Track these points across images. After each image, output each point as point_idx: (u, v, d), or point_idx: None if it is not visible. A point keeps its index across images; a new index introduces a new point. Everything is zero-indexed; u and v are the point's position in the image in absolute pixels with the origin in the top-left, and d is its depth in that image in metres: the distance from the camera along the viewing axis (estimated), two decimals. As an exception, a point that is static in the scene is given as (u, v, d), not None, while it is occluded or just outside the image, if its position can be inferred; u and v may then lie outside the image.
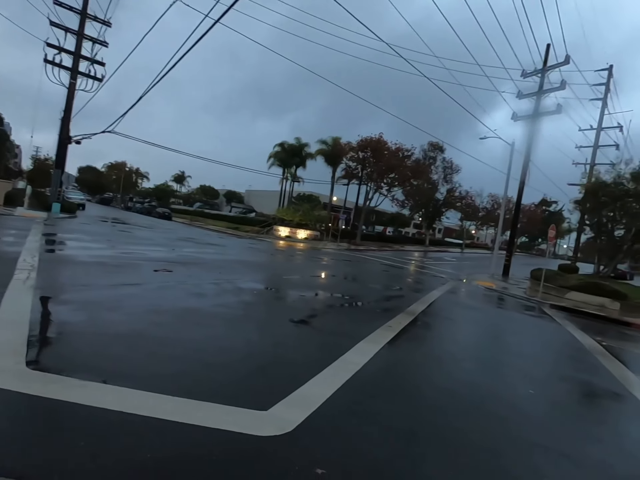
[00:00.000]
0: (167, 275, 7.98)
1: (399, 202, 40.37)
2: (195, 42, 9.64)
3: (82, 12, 22.04)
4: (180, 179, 74.36)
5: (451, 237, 71.55)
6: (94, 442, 2.32)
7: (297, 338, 5.13)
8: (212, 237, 22.44)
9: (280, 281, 9.73)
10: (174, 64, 11.02)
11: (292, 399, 3.23)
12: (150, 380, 3.20)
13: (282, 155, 37.48)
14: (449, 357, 5.30)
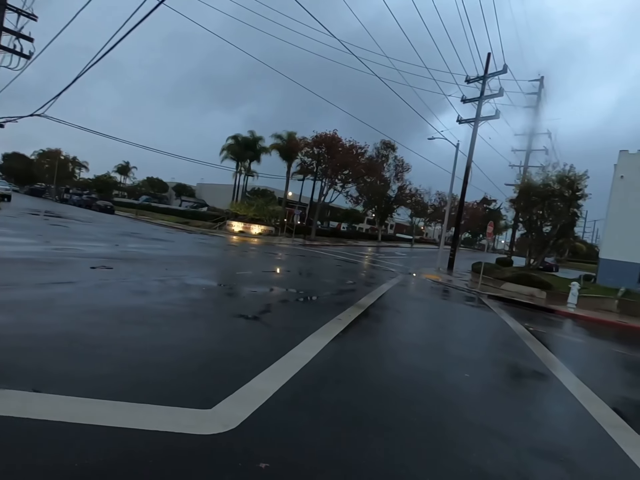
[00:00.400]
0: (107, 272, 7.44)
1: (353, 199, 41.26)
2: (138, 22, 9.00)
3: (4, -21, 19.59)
4: (124, 170, 69.46)
5: (402, 233, 74.61)
6: (14, 456, 2.11)
7: (246, 334, 5.06)
8: (159, 232, 21.31)
9: (233, 277, 9.51)
10: (115, 44, 10.20)
11: (238, 395, 3.18)
12: (83, 385, 2.98)
13: (236, 148, 36.48)
14: (395, 346, 5.54)
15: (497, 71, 20.60)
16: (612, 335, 9.72)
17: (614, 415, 4.09)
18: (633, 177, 16.12)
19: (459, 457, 2.83)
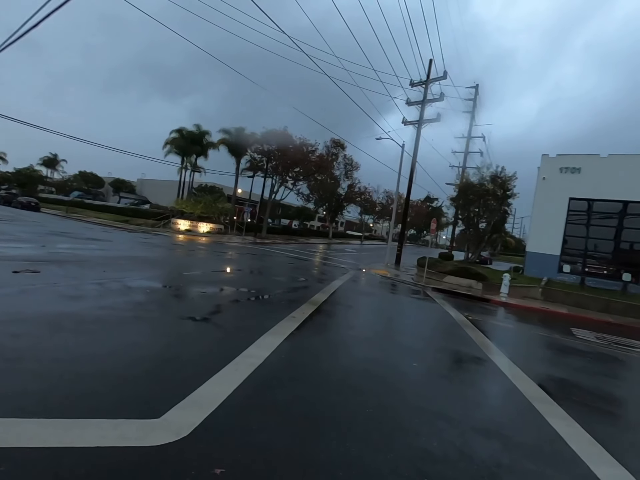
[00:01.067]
0: (33, 276, 6.68)
1: (304, 196, 41.41)
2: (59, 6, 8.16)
3: None
4: (51, 163, 62.76)
5: (352, 230, 76.54)
6: None
7: (196, 336, 4.85)
8: (95, 232, 19.61)
9: (179, 278, 9.05)
10: (37, 24, 9.15)
11: (189, 401, 3.05)
12: (6, 404, 2.65)
13: (181, 142, 34.67)
14: (348, 340, 5.68)
15: (438, 77, 21.87)
16: (537, 320, 10.84)
17: (540, 391, 4.58)
18: (553, 178, 18.09)
19: (409, 441, 2.98)
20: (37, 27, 9.09)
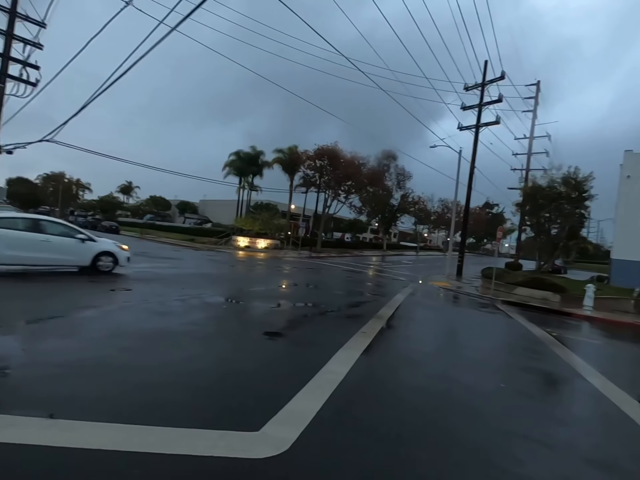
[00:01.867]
0: (126, 294, 7.46)
1: (357, 209, 41.39)
2: (147, 51, 9.21)
3: (11, 11, 20.21)
4: (127, 190, 70.18)
5: (406, 241, 74.58)
6: (74, 488, 2.10)
7: (275, 352, 5.03)
8: (167, 251, 21.38)
9: (248, 293, 9.49)
10: (123, 73, 10.44)
11: (282, 416, 3.15)
12: (124, 412, 2.96)
13: (239, 164, 36.83)
14: (423, 357, 5.49)
15: (495, 78, 20.88)
16: (631, 336, 9.59)
17: (657, 420, 4.02)
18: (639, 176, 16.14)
19: (513, 470, 2.78)
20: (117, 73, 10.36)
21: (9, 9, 20.13)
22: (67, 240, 9.20)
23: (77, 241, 9.33)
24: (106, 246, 10.02)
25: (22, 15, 20.60)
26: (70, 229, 9.57)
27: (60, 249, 9.05)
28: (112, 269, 9.95)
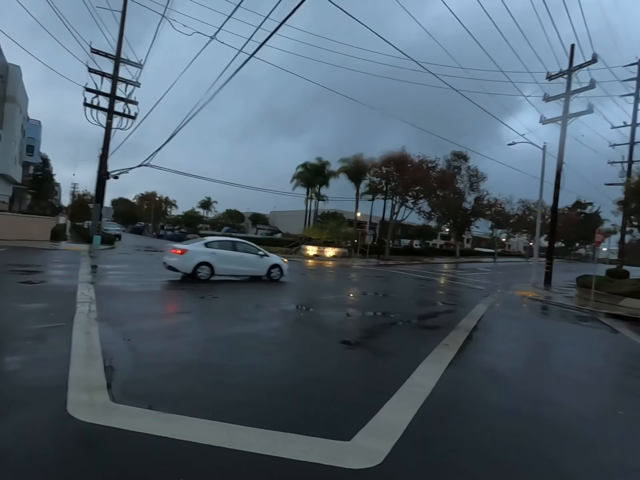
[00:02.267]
0: (215, 301, 8.12)
1: (426, 214, 39.83)
2: (228, 79, 10.09)
3: (116, 58, 23.76)
4: (206, 205, 76.83)
5: (481, 247, 69.45)
6: (195, 477, 2.32)
7: (355, 361, 5.03)
8: (243, 260, 22.81)
9: (321, 302, 9.67)
10: (206, 102, 11.54)
11: (371, 427, 3.13)
12: (223, 411, 3.20)
13: (306, 175, 38.09)
14: (515, 375, 5.02)
15: (586, 62, 18.62)
16: None
17: None
18: None
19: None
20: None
21: (115, 56, 23.64)
22: (253, 256, 12.25)
23: (258, 257, 12.35)
24: (276, 260, 12.83)
25: (124, 60, 24.04)
26: (254, 248, 12.64)
27: (250, 263, 12.13)
28: (279, 278, 12.66)
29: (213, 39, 9.19)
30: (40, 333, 4.83)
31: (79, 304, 6.48)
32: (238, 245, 12.30)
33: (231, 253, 11.77)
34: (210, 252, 11.31)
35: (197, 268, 10.92)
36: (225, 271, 11.59)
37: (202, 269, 11.02)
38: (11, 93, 25.62)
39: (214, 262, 11.21)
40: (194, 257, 10.94)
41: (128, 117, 24.23)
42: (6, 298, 6.86)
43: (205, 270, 11.09)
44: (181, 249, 11.06)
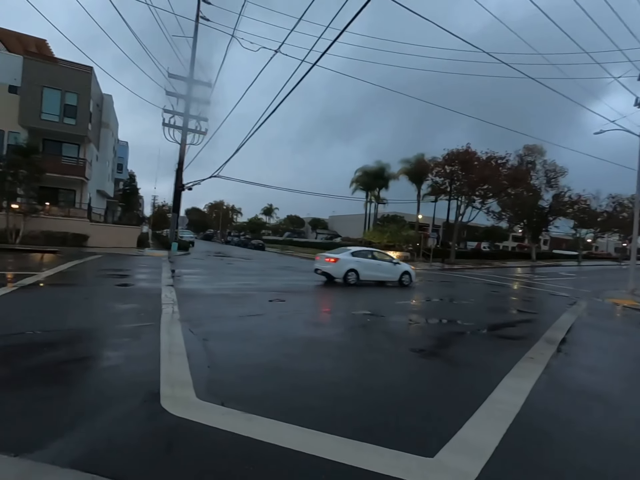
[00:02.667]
0: (282, 305, 8.37)
1: (496, 215, 37.01)
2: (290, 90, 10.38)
3: (189, 80, 26.03)
4: (268, 212, 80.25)
5: (561, 249, 62.53)
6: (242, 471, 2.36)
7: (431, 371, 4.78)
8: (306, 264, 23.28)
9: (390, 307, 9.43)
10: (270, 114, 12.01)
11: (455, 444, 2.92)
12: (300, 414, 3.22)
13: (365, 179, 37.88)
14: (619, 396, 4.36)
15: (695, 31, 15.87)
16: None
17: None
18: None
19: None
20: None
21: (188, 78, 25.83)
22: (388, 264, 13.76)
23: (392, 264, 13.79)
24: (406, 267, 14.13)
25: (196, 81, 26.15)
26: (389, 257, 14.39)
27: (386, 270, 13.56)
28: (409, 284, 13.92)
29: (277, 52, 9.59)
30: (135, 331, 5.38)
31: (163, 305, 7.10)
32: (376, 254, 13.98)
33: (371, 261, 13.32)
34: (356, 261, 12.92)
35: (347, 274, 12.61)
36: (368, 277, 13.09)
37: (351, 275, 12.66)
38: (105, 119, 29.36)
39: (359, 269, 12.80)
40: (344, 265, 12.66)
41: (199, 133, 26.36)
42: (107, 299, 7.79)
43: (353, 276, 12.70)
44: (334, 258, 12.87)
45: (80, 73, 23.14)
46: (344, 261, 12.73)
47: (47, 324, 5.43)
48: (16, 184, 18.56)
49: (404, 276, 13.83)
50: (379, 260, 13.65)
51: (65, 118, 22.81)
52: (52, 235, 19.61)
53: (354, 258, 12.98)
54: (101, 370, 4.01)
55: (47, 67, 22.29)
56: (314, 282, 13.74)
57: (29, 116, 21.88)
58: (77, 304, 7.10)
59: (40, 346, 4.48)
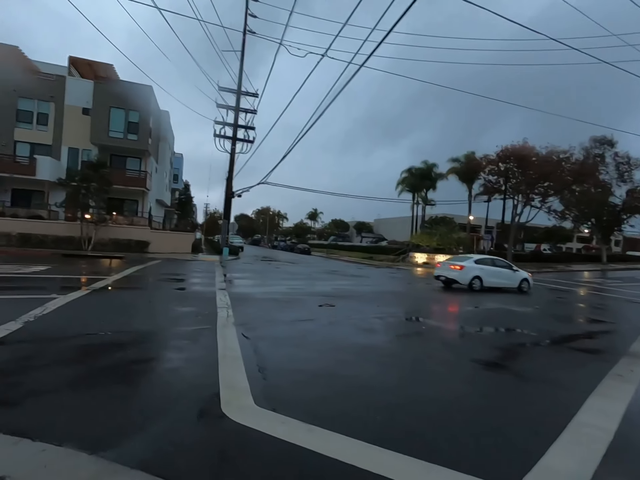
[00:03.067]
0: (332, 310, 8.27)
1: (558, 214, 34.01)
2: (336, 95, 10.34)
3: (237, 92, 27.17)
4: (313, 216, 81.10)
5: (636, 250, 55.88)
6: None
7: (497, 386, 4.38)
8: (351, 269, 23.06)
9: (441, 313, 8.97)
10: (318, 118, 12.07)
11: (541, 474, 2.57)
12: (360, 428, 3.05)
13: (411, 180, 36.83)
14: None
15: None
16: None
17: None
18: None
19: None
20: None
21: (236, 90, 26.94)
22: (508, 271, 14.13)
23: (512, 272, 14.12)
24: (525, 275, 14.29)
25: (244, 92, 27.20)
26: (508, 264, 14.64)
27: (507, 277, 13.96)
28: (527, 290, 14.03)
29: (324, 56, 9.61)
30: (193, 334, 5.57)
31: (218, 309, 7.32)
32: (497, 261, 14.45)
33: (493, 268, 13.82)
34: (480, 268, 13.53)
35: (472, 280, 13.23)
36: (490, 284, 13.49)
37: (475, 282, 13.24)
38: (163, 134, 31.56)
39: (483, 276, 13.34)
40: (469, 272, 13.31)
41: (247, 141, 27.35)
42: (167, 302, 8.23)
43: (477, 283, 13.26)
44: (460, 265, 13.56)
45: (141, 92, 25.13)
46: (469, 268, 13.36)
47: (116, 325, 5.81)
48: (88, 196, 20.51)
49: (523, 283, 13.98)
50: (499, 267, 14.07)
51: (128, 134, 24.88)
52: (119, 242, 21.36)
53: (478, 265, 13.60)
54: (165, 372, 4.15)
55: (113, 89, 24.51)
56: (363, 287, 13.51)
57: (98, 134, 24.18)
58: (141, 307, 7.56)
59: (111, 346, 4.78)
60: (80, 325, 5.65)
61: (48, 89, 24.01)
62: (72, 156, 24.79)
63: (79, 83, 25.20)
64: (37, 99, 24.09)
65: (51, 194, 23.14)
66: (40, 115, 24.22)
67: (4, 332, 4.92)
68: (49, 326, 5.43)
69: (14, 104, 23.67)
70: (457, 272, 13.49)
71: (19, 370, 3.81)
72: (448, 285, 14.22)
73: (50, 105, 24.32)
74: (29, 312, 5.97)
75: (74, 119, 24.33)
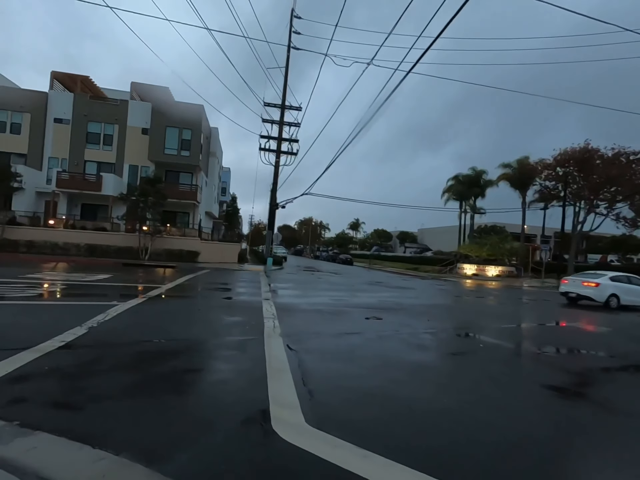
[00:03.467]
0: (379, 323, 7.97)
1: (628, 221, 30.72)
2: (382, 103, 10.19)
3: (281, 106, 27.99)
4: (355, 226, 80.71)
5: None
6: None
7: (578, 418, 3.84)
8: (396, 280, 22.40)
9: (500, 330, 8.27)
10: (363, 127, 11.98)
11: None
12: (421, 457, 2.78)
13: (458, 188, 35.34)
14: None
15: None
16: None
17: None
18: None
19: None
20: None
21: (281, 105, 27.73)
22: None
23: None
24: None
25: (287, 107, 27.93)
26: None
27: None
28: None
29: (370, 64, 9.54)
30: (241, 344, 5.58)
31: (265, 319, 7.33)
32: (632, 279, 13.87)
33: (630, 286, 13.39)
34: (615, 285, 13.16)
35: (609, 298, 12.87)
36: (628, 302, 13.15)
37: (612, 300, 12.90)
38: (212, 149, 33.27)
39: (620, 293, 12.97)
40: (605, 290, 12.97)
41: (291, 154, 27.95)
42: (216, 311, 8.42)
43: (614, 301, 12.93)
44: (595, 282, 13.18)
45: (193, 111, 26.79)
46: (605, 286, 12.98)
47: (168, 333, 6.00)
48: (146, 209, 22.03)
49: None
50: (635, 285, 13.52)
51: (182, 151, 26.55)
52: (172, 252, 22.62)
53: (613, 283, 13.17)
54: (215, 383, 4.15)
55: (168, 109, 26.37)
56: (410, 300, 12.99)
57: (155, 152, 26.07)
58: (192, 315, 7.80)
59: (164, 354, 4.90)
60: (137, 332, 5.90)
61: (113, 112, 26.43)
62: (132, 173, 26.92)
63: (140, 105, 27.44)
64: (104, 122, 26.58)
65: (114, 207, 25.19)
66: (105, 136, 26.67)
67: (71, 336, 5.26)
68: (109, 332, 5.73)
69: (85, 128, 26.30)
70: (592, 289, 13.00)
71: (84, 375, 4.00)
72: (574, 301, 13.77)
73: (114, 127, 26.70)
74: (93, 318, 6.37)
75: (134, 138, 26.48)
